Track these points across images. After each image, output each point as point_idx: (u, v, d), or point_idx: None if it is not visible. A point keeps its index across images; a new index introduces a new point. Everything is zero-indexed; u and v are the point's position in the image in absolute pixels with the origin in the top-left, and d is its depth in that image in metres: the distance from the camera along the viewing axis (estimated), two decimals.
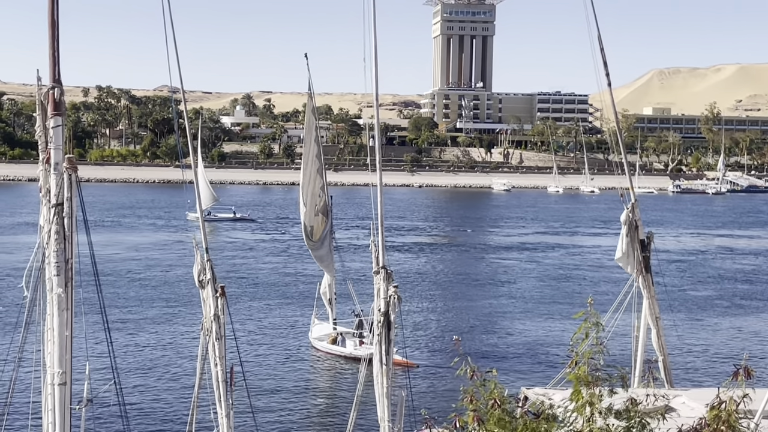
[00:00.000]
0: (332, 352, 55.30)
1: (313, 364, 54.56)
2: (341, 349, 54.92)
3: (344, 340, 55.47)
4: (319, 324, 58.09)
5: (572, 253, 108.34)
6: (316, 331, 57.65)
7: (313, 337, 57.44)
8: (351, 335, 56.14)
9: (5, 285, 74.60)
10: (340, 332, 56.21)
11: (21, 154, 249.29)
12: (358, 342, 54.65)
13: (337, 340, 55.59)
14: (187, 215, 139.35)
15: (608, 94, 27.82)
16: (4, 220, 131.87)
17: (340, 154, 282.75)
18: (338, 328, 56.63)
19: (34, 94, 16.71)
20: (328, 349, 55.62)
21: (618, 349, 40.06)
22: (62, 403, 15.97)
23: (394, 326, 21.75)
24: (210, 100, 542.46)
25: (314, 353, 56.28)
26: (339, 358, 54.72)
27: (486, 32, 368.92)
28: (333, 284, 57.31)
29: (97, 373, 31.32)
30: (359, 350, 53.41)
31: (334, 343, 55.48)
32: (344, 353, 54.52)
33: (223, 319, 21.07)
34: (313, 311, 59.33)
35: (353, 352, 53.94)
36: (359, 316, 56.43)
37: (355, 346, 54.16)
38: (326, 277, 57.46)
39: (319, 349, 56.18)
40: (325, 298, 57.24)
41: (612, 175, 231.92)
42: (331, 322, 56.85)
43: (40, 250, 16.35)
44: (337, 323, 56.98)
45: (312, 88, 57.22)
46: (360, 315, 56.47)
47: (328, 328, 56.90)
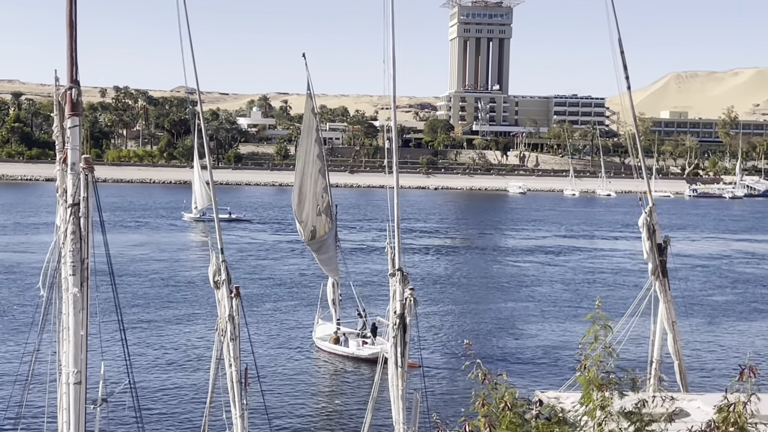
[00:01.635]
0: (335, 352, 55.57)
1: (318, 364, 54.76)
2: (344, 349, 55.22)
3: (347, 340, 55.78)
4: (322, 324, 58.41)
5: (588, 257, 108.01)
6: (320, 331, 57.96)
7: (316, 336, 57.71)
8: (354, 335, 56.43)
9: (22, 284, 74.93)
10: (343, 332, 56.49)
11: (38, 154, 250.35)
12: (361, 342, 55.05)
13: (340, 340, 55.89)
14: (183, 216, 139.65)
15: (627, 97, 27.70)
16: (22, 219, 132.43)
17: (356, 156, 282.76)
18: (341, 329, 56.90)
19: (52, 95, 16.77)
20: (331, 349, 55.89)
21: (634, 353, 39.96)
22: (77, 402, 16.00)
23: (410, 328, 21.69)
24: (227, 102, 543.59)
25: (318, 353, 56.53)
26: (342, 358, 54.95)
27: (503, 35, 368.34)
28: (338, 286, 57.49)
29: (112, 372, 31.40)
30: (362, 350, 53.80)
31: (337, 342, 55.81)
32: (347, 353, 54.81)
33: (237, 320, 21.09)
34: (317, 311, 59.65)
35: (356, 352, 54.44)
36: (362, 316, 56.85)
37: (358, 347, 54.66)
38: (331, 278, 57.78)
39: (323, 349, 56.43)
40: (330, 299, 57.49)
41: (628, 178, 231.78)
42: (335, 322, 57.11)
43: (56, 250, 16.40)
44: (340, 324, 57.26)
45: (311, 88, 57.09)
46: (363, 315, 56.83)
47: (331, 328, 57.22)
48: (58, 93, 16.23)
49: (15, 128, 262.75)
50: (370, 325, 56.49)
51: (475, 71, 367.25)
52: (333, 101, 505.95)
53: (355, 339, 55.72)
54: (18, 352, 49.26)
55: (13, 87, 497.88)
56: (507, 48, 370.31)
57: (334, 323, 57.15)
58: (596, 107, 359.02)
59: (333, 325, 57.14)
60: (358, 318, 57.69)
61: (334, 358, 55.22)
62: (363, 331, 56.37)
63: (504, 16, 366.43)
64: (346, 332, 56.74)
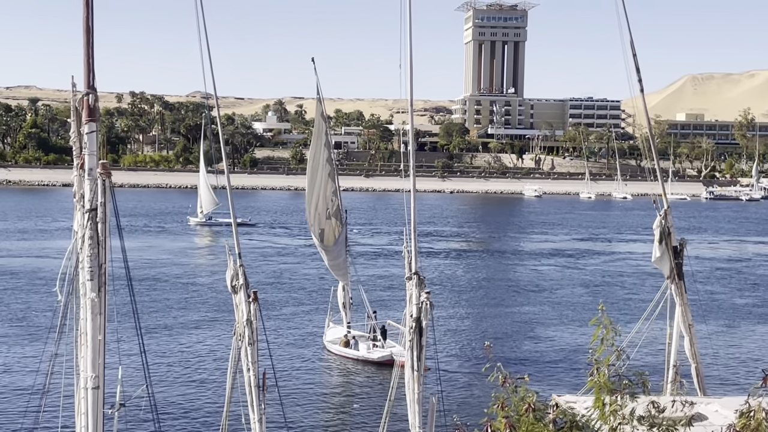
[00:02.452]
0: (345, 355, 55.78)
1: (329, 368, 54.92)
2: (354, 352, 55.42)
3: (357, 343, 55.97)
4: (333, 327, 58.67)
5: (606, 260, 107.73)
6: (330, 334, 58.22)
7: (327, 340, 57.95)
8: (364, 338, 56.67)
9: (40, 289, 75.25)
10: (353, 335, 56.73)
11: (55, 160, 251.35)
12: (371, 345, 55.31)
13: (350, 343, 56.08)
14: (189, 220, 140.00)
15: (641, 100, 27.62)
16: (39, 224, 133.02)
17: (371, 159, 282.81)
18: (352, 332, 57.16)
19: (69, 100, 16.86)
20: (341, 352, 56.10)
21: (651, 356, 39.83)
22: (95, 406, 16.07)
23: (426, 332, 21.68)
24: (242, 106, 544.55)
25: (328, 356, 56.72)
26: (353, 361, 55.14)
27: (518, 38, 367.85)
28: (348, 289, 57.76)
29: (130, 377, 31.49)
30: (372, 353, 54.04)
31: (347, 346, 56.01)
32: (357, 356, 55.00)
33: (255, 324, 21.13)
34: (327, 315, 59.95)
35: (366, 355, 54.63)
36: (372, 319, 57.22)
37: (368, 349, 54.90)
38: (341, 282, 58.21)
39: (333, 352, 56.66)
40: (340, 302, 57.80)
41: (645, 181, 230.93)
42: (345, 325, 57.38)
43: (73, 255, 16.46)
44: (351, 327, 57.53)
45: (321, 92, 57.50)
46: (373, 317, 56.99)
47: (342, 331, 57.49)
48: (75, 99, 16.31)
49: (32, 134, 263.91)
50: (379, 327, 56.72)
51: (490, 74, 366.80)
52: (348, 105, 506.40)
53: (365, 342, 55.97)
54: (36, 357, 49.48)
55: (30, 93, 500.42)
56: (522, 51, 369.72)
57: (344, 326, 57.40)
58: (612, 110, 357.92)
59: (343, 328, 57.40)
60: (367, 321, 57.95)
61: (344, 361, 55.43)
62: (373, 334, 56.60)
63: (519, 19, 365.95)
64: (356, 335, 56.99)
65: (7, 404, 44.41)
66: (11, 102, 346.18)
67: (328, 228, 56.52)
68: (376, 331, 56.57)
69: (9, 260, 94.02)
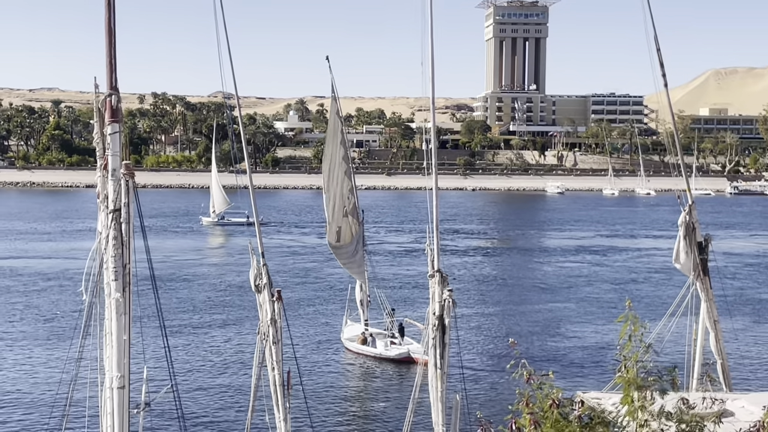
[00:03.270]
0: (363, 352, 56.11)
1: (347, 365, 55.14)
2: (372, 350, 55.72)
3: (374, 341, 56.27)
4: (351, 325, 59.02)
5: (630, 256, 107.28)
6: (348, 331, 58.55)
7: (344, 337, 58.23)
8: (382, 336, 56.98)
9: (65, 290, 75.76)
10: (370, 333, 57.05)
11: (79, 161, 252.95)
12: (389, 342, 55.62)
13: (367, 340, 56.42)
14: (201, 220, 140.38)
15: (665, 95, 27.46)
16: (63, 226, 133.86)
17: (393, 158, 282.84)
18: (369, 329, 57.50)
19: (92, 102, 16.92)
20: (359, 350, 56.45)
21: (676, 353, 39.61)
22: (121, 406, 16.13)
23: (449, 330, 21.64)
24: (264, 106, 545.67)
25: (346, 354, 57.00)
26: (370, 358, 55.41)
27: (539, 34, 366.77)
28: (365, 287, 58.18)
29: (155, 377, 31.62)
30: (389, 350, 54.50)
31: (364, 343, 56.35)
32: (374, 354, 55.29)
33: (279, 323, 21.14)
34: (345, 313, 60.24)
35: (383, 352, 54.95)
36: (389, 315, 57.55)
37: (386, 347, 55.20)
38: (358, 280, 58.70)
39: (350, 349, 56.96)
40: (358, 300, 58.27)
41: (668, 176, 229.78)
42: (363, 323, 57.78)
43: (98, 256, 16.53)
44: (368, 324, 57.87)
45: (336, 91, 57.72)
46: (390, 315, 57.53)
47: (359, 329, 57.85)
48: (97, 100, 16.36)
49: (55, 135, 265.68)
50: (397, 325, 56.98)
51: (511, 71, 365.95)
52: (369, 103, 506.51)
53: (383, 339, 56.29)
54: (62, 357, 49.79)
55: (53, 95, 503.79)
56: (543, 47, 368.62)
57: (362, 324, 57.81)
58: (634, 105, 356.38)
59: (361, 326, 57.83)
60: (385, 318, 58.28)
61: (362, 359, 55.74)
62: (390, 332, 56.94)
63: (540, 15, 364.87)
64: (374, 333, 57.33)
65: (34, 404, 44.72)
66: (34, 104, 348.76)
67: (345, 225, 56.85)
68: (393, 329, 56.79)
69: (35, 261, 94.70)
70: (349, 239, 56.89)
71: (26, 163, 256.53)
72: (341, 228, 56.81)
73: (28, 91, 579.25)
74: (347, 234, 56.91)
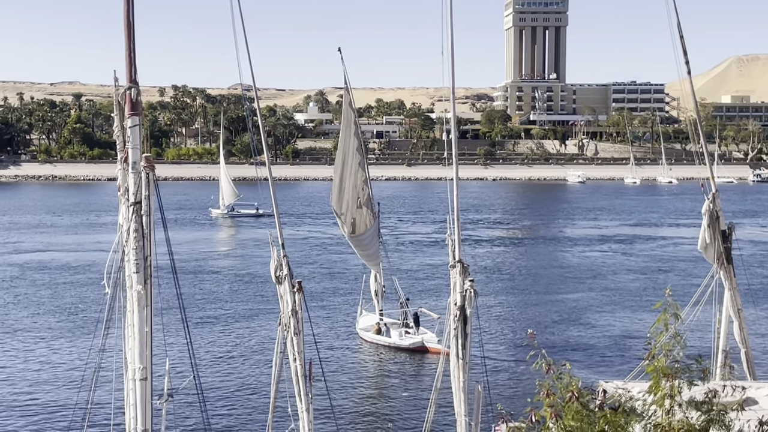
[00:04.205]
0: (378, 342, 56.50)
1: (363, 355, 55.50)
2: (386, 339, 56.15)
3: (389, 330, 56.65)
4: (366, 315, 59.37)
5: (654, 246, 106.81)
6: (363, 321, 58.94)
7: (359, 327, 58.60)
8: (396, 326, 57.32)
9: (87, 282, 76.18)
10: (385, 323, 57.41)
11: (100, 154, 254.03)
12: (403, 332, 56.06)
13: (382, 330, 56.78)
14: (211, 212, 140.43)
15: (687, 83, 27.25)
16: (85, 219, 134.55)
17: (413, 148, 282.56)
18: (384, 319, 57.87)
19: (112, 95, 16.96)
20: (374, 340, 56.84)
21: (699, 342, 39.42)
22: (143, 397, 16.21)
23: (470, 320, 21.60)
24: (283, 98, 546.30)
25: (361, 344, 57.33)
26: (385, 348, 55.76)
27: (559, 23, 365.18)
28: (380, 278, 58.58)
29: (177, 368, 31.75)
30: (404, 340, 55.22)
31: (379, 333, 56.74)
32: (389, 343, 55.74)
33: (300, 314, 21.17)
34: (359, 303, 60.49)
35: (398, 342, 55.42)
36: (404, 305, 57.88)
37: (401, 336, 55.69)
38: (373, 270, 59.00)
39: (365, 339, 57.37)
40: (372, 290, 58.72)
41: (690, 165, 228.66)
42: (378, 313, 58.18)
43: (119, 248, 16.59)
44: (383, 314, 58.26)
45: (348, 82, 58.09)
46: (405, 304, 57.90)
47: (374, 319, 58.25)
48: (117, 93, 16.41)
49: (76, 129, 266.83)
50: (412, 315, 57.23)
51: (531, 60, 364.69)
52: (389, 94, 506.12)
53: (398, 329, 56.69)
54: (85, 349, 50.11)
55: (74, 88, 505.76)
56: (563, 36, 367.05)
57: (377, 314, 58.19)
58: (655, 93, 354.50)
59: (376, 316, 58.24)
60: (400, 308, 58.61)
61: (377, 348, 56.11)
62: (405, 321, 57.30)
63: (560, 3, 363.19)
64: (388, 323, 57.68)
65: (58, 395, 45.04)
66: (56, 98, 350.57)
67: (359, 217, 57.15)
68: (408, 318, 57.01)
69: (58, 254, 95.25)
70: (363, 230, 57.20)
71: (48, 157, 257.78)
72: (356, 219, 57.13)
73: (50, 85, 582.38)
74: (362, 225, 57.26)
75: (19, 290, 74.10)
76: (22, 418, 42.30)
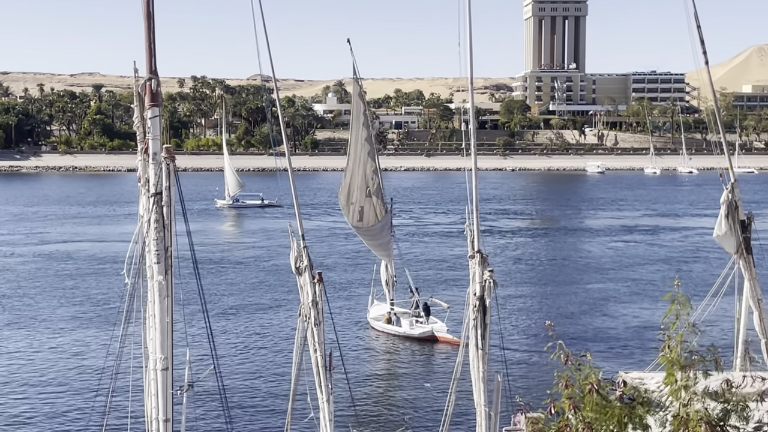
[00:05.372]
0: (388, 331, 56.85)
1: (374, 344, 55.77)
2: (397, 329, 56.54)
3: (399, 320, 57.02)
4: (377, 305, 59.69)
5: (675, 236, 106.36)
6: (374, 311, 59.28)
7: (370, 317, 58.96)
8: (407, 315, 57.60)
9: (108, 273, 76.57)
10: (395, 312, 57.75)
11: (120, 145, 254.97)
12: (414, 321, 56.42)
13: (392, 320, 57.13)
14: (216, 203, 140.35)
15: (706, 73, 27.14)
16: (105, 210, 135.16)
17: (431, 139, 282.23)
18: (395, 309, 58.21)
19: (132, 86, 17.02)
20: (384, 329, 57.20)
21: (719, 332, 39.37)
22: (164, 388, 16.31)
23: (489, 311, 21.60)
24: (302, 88, 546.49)
25: (372, 333, 57.63)
26: (396, 337, 56.11)
27: (578, 12, 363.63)
28: (391, 267, 58.85)
29: (197, 358, 31.91)
30: (414, 329, 55.63)
31: (389, 322, 57.11)
32: (399, 333, 56.17)
33: (321, 305, 21.21)
34: (371, 293, 60.76)
35: (408, 331, 55.79)
36: (414, 294, 58.19)
37: (411, 326, 56.04)
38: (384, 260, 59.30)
39: (376, 329, 57.67)
40: (383, 280, 59.02)
41: (710, 155, 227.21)
42: (389, 303, 58.45)
43: (140, 239, 16.68)
44: (394, 304, 58.54)
45: (357, 73, 58.69)
46: (416, 294, 58.25)
47: (385, 308, 58.58)
48: (137, 84, 16.48)
49: (97, 120, 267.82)
50: (422, 304, 57.43)
51: (550, 50, 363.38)
52: (408, 84, 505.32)
53: (408, 318, 57.00)
54: (106, 339, 50.40)
55: (94, 80, 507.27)
56: (583, 26, 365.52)
57: (388, 304, 58.50)
58: (675, 83, 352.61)
59: (387, 305, 58.53)
60: (411, 298, 58.89)
61: (388, 338, 56.45)
62: (416, 311, 57.60)
63: None
64: (398, 312, 57.99)
65: (79, 385, 45.34)
66: (76, 89, 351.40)
67: (368, 206, 57.39)
68: (419, 308, 57.45)
69: (79, 245, 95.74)
70: (373, 220, 57.49)
71: (68, 148, 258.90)
72: (364, 208, 57.45)
73: (70, 76, 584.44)
74: (371, 214, 57.48)
75: (43, 280, 74.61)
76: (45, 405, 42.61)
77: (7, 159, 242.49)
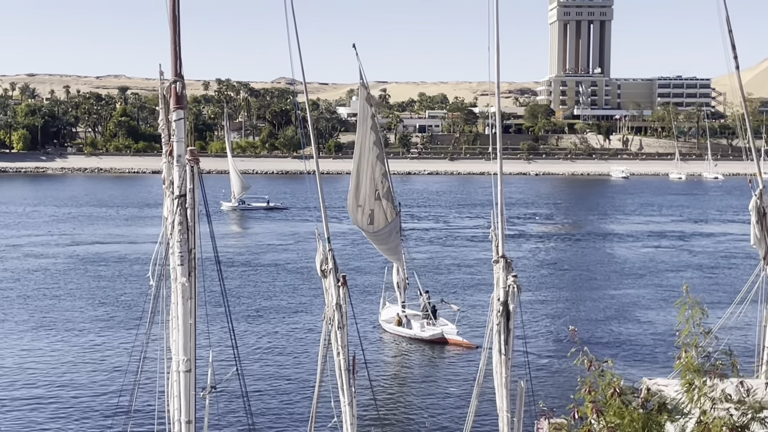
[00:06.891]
0: (399, 333, 57.08)
1: (385, 346, 55.96)
2: (407, 331, 56.74)
3: (409, 322, 57.23)
4: (389, 307, 59.97)
5: (703, 242, 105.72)
6: (385, 313, 59.58)
7: (382, 319, 59.28)
8: (418, 317, 57.80)
9: (133, 275, 76.94)
10: (405, 314, 57.94)
11: (145, 147, 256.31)
12: (424, 324, 56.60)
13: (402, 322, 57.37)
14: (222, 205, 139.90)
15: (735, 77, 26.95)
16: (130, 211, 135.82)
17: (455, 143, 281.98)
18: (406, 311, 58.41)
19: (157, 89, 17.06)
20: (395, 331, 57.44)
21: (745, 338, 39.05)
22: (187, 389, 16.31)
23: (513, 316, 21.51)
24: (326, 91, 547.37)
25: (383, 335, 57.87)
26: (407, 339, 56.30)
27: (604, 17, 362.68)
28: (402, 270, 58.99)
29: (220, 360, 31.95)
30: (424, 331, 55.93)
31: (400, 324, 57.34)
32: (410, 335, 56.37)
33: (345, 308, 21.18)
34: (382, 295, 61.04)
35: (418, 333, 56.00)
36: (423, 297, 58.29)
37: (422, 328, 56.27)
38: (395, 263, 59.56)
39: (387, 331, 58.00)
40: (395, 282, 59.29)
41: (736, 160, 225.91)
42: (400, 305, 58.70)
43: (164, 241, 16.71)
44: (405, 306, 58.77)
45: (364, 77, 58.97)
46: (426, 295, 58.34)
47: (396, 310, 58.81)
48: (163, 87, 16.49)
49: (122, 122, 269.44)
50: (431, 307, 57.95)
51: (575, 55, 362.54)
52: (432, 88, 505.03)
53: (418, 321, 57.22)
54: (129, 340, 50.63)
55: (119, 82, 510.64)
56: (608, 30, 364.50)
57: (399, 306, 58.76)
58: (701, 88, 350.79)
59: (398, 307, 58.76)
60: (420, 300, 58.95)
61: (399, 340, 56.63)
62: (426, 313, 57.83)
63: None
64: (409, 314, 58.17)
65: (103, 386, 45.53)
66: (101, 91, 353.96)
67: (378, 209, 57.51)
68: (428, 310, 57.74)
69: (109, 246, 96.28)
70: (383, 223, 57.58)
71: (94, 150, 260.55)
72: (374, 211, 57.55)
73: (95, 79, 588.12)
74: (381, 218, 57.59)
75: (72, 281, 75.07)
76: (69, 404, 42.82)
77: (33, 160, 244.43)
